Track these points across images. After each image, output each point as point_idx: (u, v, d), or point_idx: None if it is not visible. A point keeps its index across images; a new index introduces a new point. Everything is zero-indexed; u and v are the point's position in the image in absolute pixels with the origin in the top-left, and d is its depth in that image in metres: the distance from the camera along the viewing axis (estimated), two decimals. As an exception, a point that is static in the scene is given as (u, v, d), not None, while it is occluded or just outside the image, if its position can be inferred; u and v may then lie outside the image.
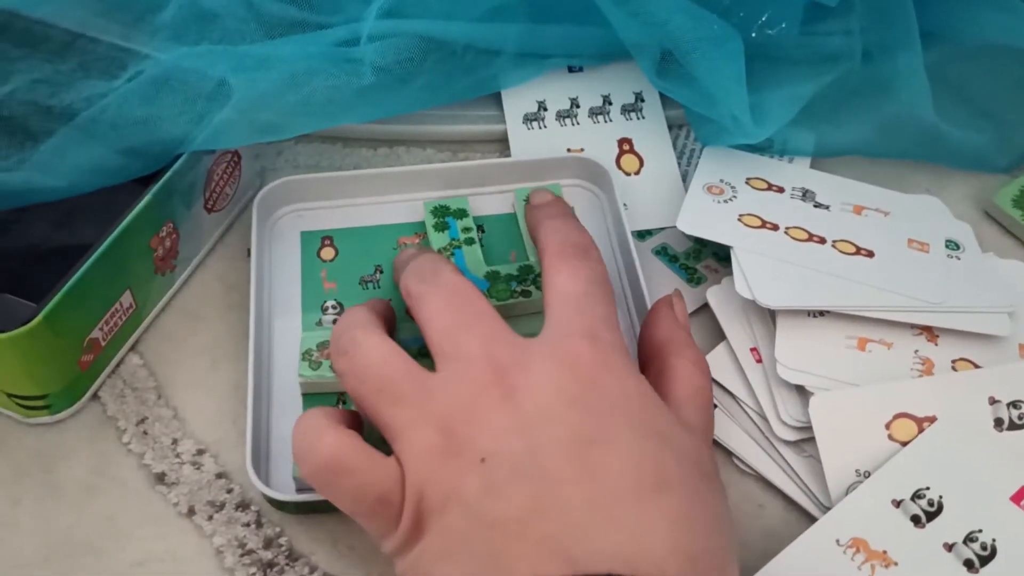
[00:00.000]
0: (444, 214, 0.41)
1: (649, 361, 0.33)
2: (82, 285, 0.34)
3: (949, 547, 0.32)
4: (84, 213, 0.39)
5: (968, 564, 0.32)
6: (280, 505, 0.34)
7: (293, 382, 0.36)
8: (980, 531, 0.33)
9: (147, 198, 0.36)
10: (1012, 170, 0.46)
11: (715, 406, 0.37)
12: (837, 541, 0.32)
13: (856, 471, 0.34)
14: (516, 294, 0.38)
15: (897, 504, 0.33)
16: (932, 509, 0.33)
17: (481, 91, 0.44)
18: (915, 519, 0.33)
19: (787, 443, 0.36)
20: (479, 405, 0.28)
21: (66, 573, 0.32)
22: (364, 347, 0.30)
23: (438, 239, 0.40)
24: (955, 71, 0.45)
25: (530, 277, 0.39)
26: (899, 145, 0.45)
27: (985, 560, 0.32)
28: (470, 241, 0.40)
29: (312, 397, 0.36)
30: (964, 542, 0.32)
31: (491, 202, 0.42)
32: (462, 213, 0.41)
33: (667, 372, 0.32)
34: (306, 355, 0.36)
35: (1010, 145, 0.46)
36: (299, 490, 0.34)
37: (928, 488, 0.33)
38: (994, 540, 0.32)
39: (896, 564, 0.32)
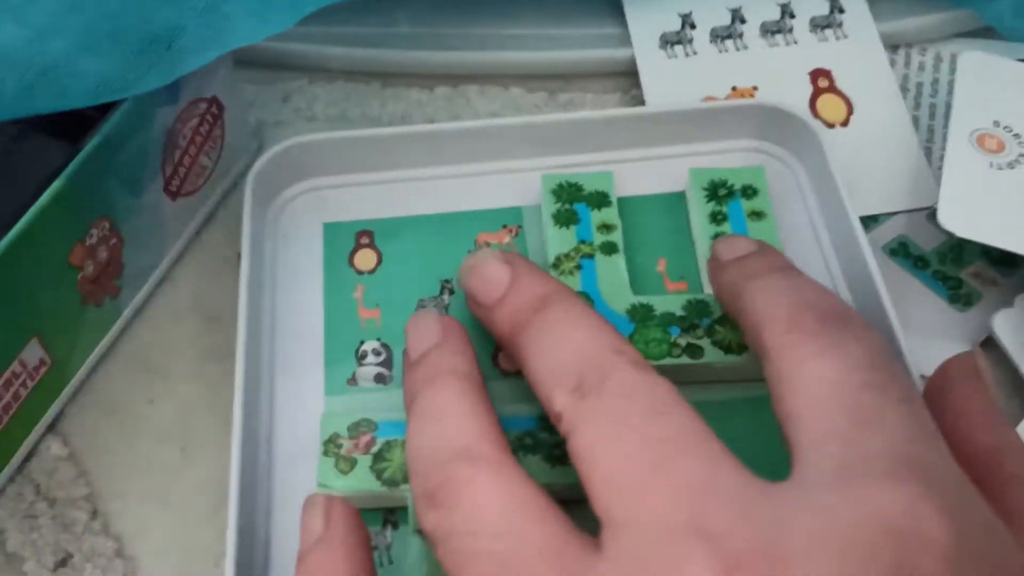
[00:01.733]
0: (574, 197, 0.25)
1: None
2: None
3: None
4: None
5: None
6: None
7: (309, 488, 0.22)
8: None
9: (57, 184, 0.21)
10: None
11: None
12: None
13: None
14: (679, 350, 0.23)
15: None
16: None
17: None
18: None
19: None
20: None
21: None
22: (474, 497, 0.16)
23: (559, 240, 0.25)
24: None
25: (704, 323, 0.23)
26: None
27: None
28: (610, 248, 0.24)
29: None
30: None
31: (629, 176, 0.27)
32: (603, 199, 0.25)
33: (1015, 515, 0.17)
34: (330, 446, 0.22)
35: None
36: None
37: None
38: None
39: None
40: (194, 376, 0.24)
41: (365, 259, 0.26)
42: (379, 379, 0.24)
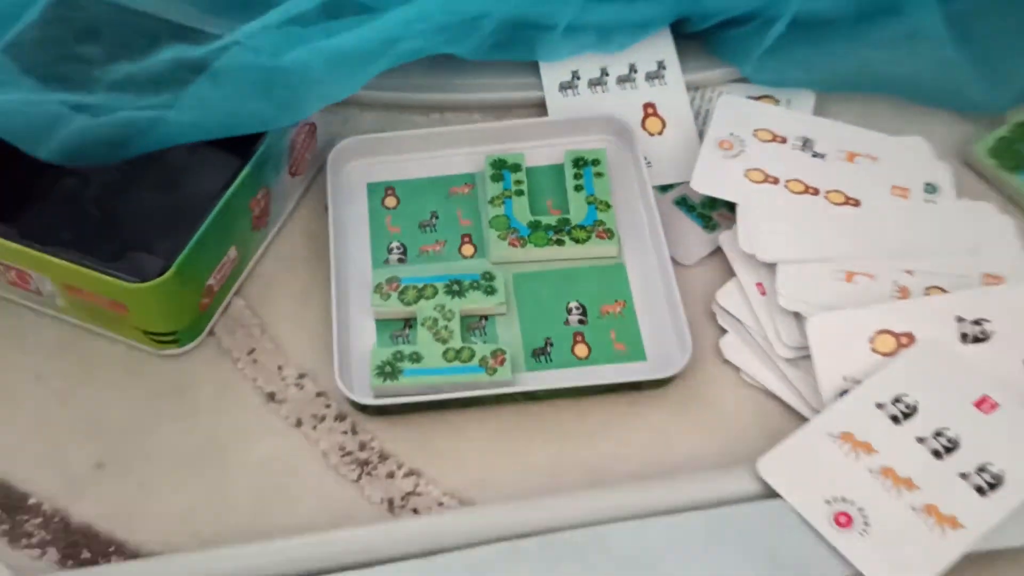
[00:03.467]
0: (502, 167, 0.48)
1: None
2: (200, 243, 0.41)
3: (920, 440, 0.39)
4: (186, 182, 0.46)
5: (935, 453, 0.39)
6: (362, 408, 0.41)
7: (368, 311, 0.44)
8: (947, 428, 0.40)
9: (247, 169, 0.43)
10: (1005, 112, 0.51)
11: (725, 331, 0.45)
12: (830, 434, 0.40)
13: (844, 378, 0.41)
14: (552, 242, 0.45)
15: (880, 407, 0.40)
16: (908, 411, 0.40)
17: (526, 57, 0.51)
18: (894, 418, 0.40)
19: (786, 360, 0.43)
20: None
21: (195, 471, 0.40)
22: None
23: (493, 189, 0.47)
24: (966, 18, 0.51)
25: (565, 228, 0.46)
26: (907, 86, 0.51)
27: (950, 450, 0.39)
28: (520, 192, 0.47)
29: (383, 323, 0.44)
30: (933, 436, 0.39)
31: (535, 155, 0.49)
32: (517, 167, 0.48)
33: None
34: (377, 288, 0.44)
35: (1006, 89, 0.51)
36: (376, 396, 0.41)
37: (906, 394, 0.41)
38: (958, 435, 0.39)
39: (877, 452, 0.39)
40: (306, 265, 0.46)
41: (391, 201, 0.48)
42: (400, 260, 0.46)
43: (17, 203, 0.45)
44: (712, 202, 0.49)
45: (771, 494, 0.38)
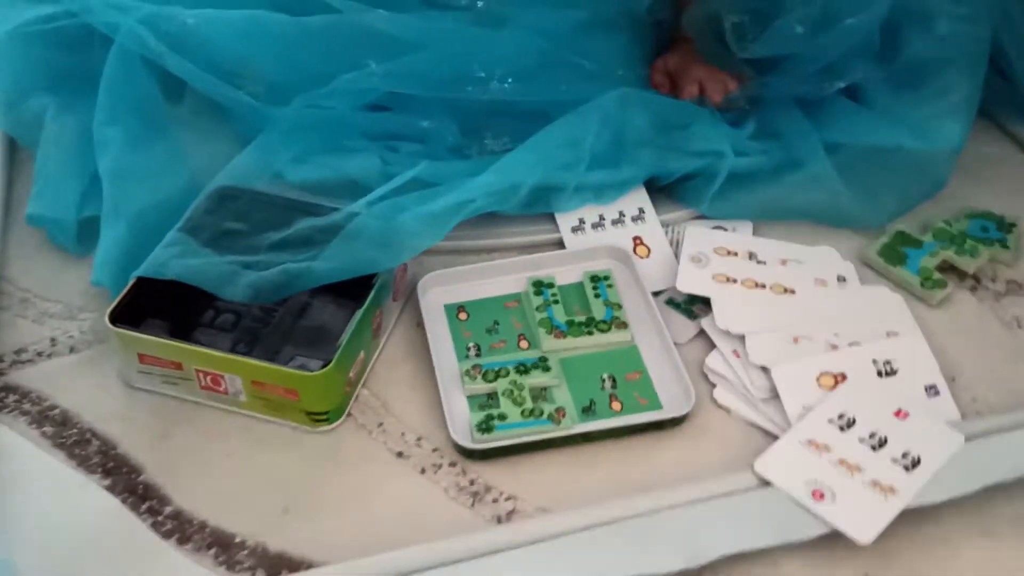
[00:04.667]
0: (540, 285, 0.67)
1: None
2: (346, 348, 0.58)
3: (861, 440, 0.57)
4: (310, 311, 0.63)
5: (873, 448, 0.57)
6: (469, 454, 0.57)
7: (460, 389, 0.61)
8: (879, 431, 0.57)
9: (371, 294, 0.61)
10: (883, 226, 0.73)
11: (714, 385, 0.62)
12: (800, 442, 0.57)
13: (803, 407, 0.59)
14: (585, 333, 0.64)
15: (831, 421, 0.58)
16: (850, 423, 0.58)
17: (546, 210, 0.72)
18: (841, 428, 0.58)
19: (761, 399, 0.61)
20: None
21: (356, 508, 0.55)
22: None
23: (536, 300, 0.66)
24: (851, 166, 0.74)
25: (593, 323, 0.64)
26: (814, 214, 0.73)
27: (882, 445, 0.57)
28: (556, 301, 0.66)
29: (472, 397, 0.61)
30: (869, 437, 0.57)
31: (562, 276, 0.69)
32: (551, 284, 0.67)
33: None
34: (466, 373, 0.61)
35: (882, 212, 0.74)
36: (477, 444, 0.57)
37: (847, 412, 0.58)
38: (886, 435, 0.57)
39: (833, 450, 0.56)
40: (408, 363, 0.63)
41: (463, 315, 0.66)
42: (476, 355, 0.63)
43: (192, 329, 0.62)
44: (693, 299, 0.68)
45: (766, 484, 0.55)
